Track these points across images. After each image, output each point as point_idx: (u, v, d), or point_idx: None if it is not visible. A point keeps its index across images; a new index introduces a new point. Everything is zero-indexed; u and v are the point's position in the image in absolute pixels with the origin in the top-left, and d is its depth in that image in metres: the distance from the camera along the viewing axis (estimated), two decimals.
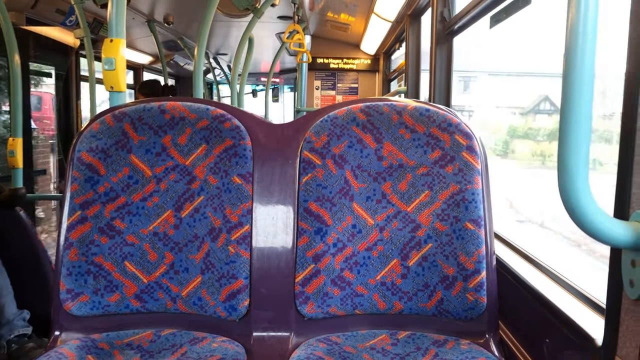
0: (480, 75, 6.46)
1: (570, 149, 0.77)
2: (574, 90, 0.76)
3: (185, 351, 1.26)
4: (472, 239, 1.30)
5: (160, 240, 1.36)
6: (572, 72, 0.75)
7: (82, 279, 1.32)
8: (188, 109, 1.38)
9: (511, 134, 5.58)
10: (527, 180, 5.54)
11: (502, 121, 6.38)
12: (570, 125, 0.77)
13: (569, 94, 0.76)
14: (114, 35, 1.59)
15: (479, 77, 6.35)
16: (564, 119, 0.78)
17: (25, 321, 2.38)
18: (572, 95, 0.76)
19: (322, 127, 1.37)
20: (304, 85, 5.05)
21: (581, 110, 0.76)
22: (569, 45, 0.75)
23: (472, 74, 6.27)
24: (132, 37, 5.42)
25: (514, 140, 5.51)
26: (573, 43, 0.75)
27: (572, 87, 0.76)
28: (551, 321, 1.14)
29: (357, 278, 1.33)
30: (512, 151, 5.37)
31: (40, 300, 2.46)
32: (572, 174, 0.78)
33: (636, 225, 0.80)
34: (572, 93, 0.76)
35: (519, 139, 5.38)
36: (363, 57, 6.63)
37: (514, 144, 5.51)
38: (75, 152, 1.35)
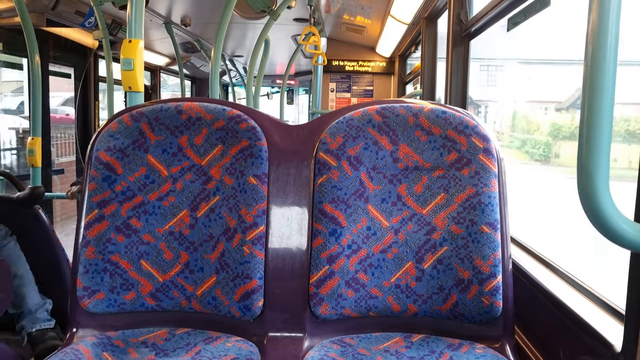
0: (508, 63, 5.60)
1: (591, 152, 0.76)
2: (595, 92, 0.75)
3: (199, 350, 1.26)
4: (488, 243, 1.28)
5: (175, 239, 1.37)
6: (594, 74, 0.75)
7: (98, 277, 1.33)
8: (204, 109, 1.39)
9: (554, 134, 4.44)
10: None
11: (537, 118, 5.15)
12: (590, 128, 0.76)
13: (590, 97, 0.76)
14: (133, 36, 1.60)
15: (507, 66, 5.51)
16: (584, 122, 0.77)
17: (48, 312, 2.40)
18: (593, 97, 0.75)
19: (337, 129, 1.37)
20: (319, 87, 5.06)
21: (602, 113, 0.75)
22: (591, 48, 0.74)
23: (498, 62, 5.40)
24: (149, 38, 5.48)
25: (558, 142, 4.38)
26: (595, 45, 0.74)
27: (593, 89, 0.75)
28: (568, 326, 1.13)
29: (371, 280, 1.33)
30: (555, 155, 4.34)
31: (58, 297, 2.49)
32: (592, 178, 0.77)
33: None
34: (593, 96, 0.75)
35: (565, 140, 4.21)
36: (378, 60, 6.62)
37: (558, 147, 4.39)
38: (94, 152, 1.37)
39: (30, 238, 2.58)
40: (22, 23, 2.74)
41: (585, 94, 0.77)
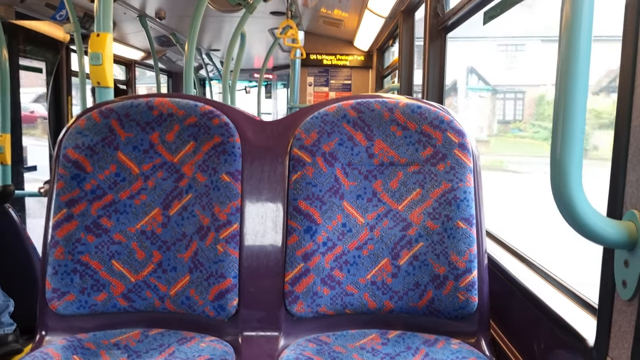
0: (529, 42, 4.82)
1: (564, 148, 0.76)
2: (568, 88, 0.74)
3: (173, 351, 1.24)
4: (463, 238, 1.28)
5: (147, 238, 1.34)
6: (567, 69, 0.74)
7: (68, 278, 1.29)
8: (176, 105, 1.36)
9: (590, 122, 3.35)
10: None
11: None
12: (563, 124, 0.75)
13: (562, 92, 0.75)
14: (101, 29, 1.56)
15: (528, 45, 4.89)
16: (557, 117, 0.76)
17: (10, 315, 2.35)
18: (566, 93, 0.75)
19: (312, 125, 1.35)
20: (297, 81, 5.03)
21: (575, 109, 0.75)
22: (564, 42, 0.74)
23: (517, 40, 4.84)
24: (123, 32, 5.37)
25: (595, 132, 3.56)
26: (568, 39, 0.73)
27: (566, 84, 0.75)
28: (543, 321, 1.13)
29: (347, 277, 1.32)
30: (594, 148, 3.51)
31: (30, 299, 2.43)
32: (565, 173, 0.76)
33: (629, 225, 0.79)
34: (566, 91, 0.75)
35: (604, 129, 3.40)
36: (356, 54, 6.61)
37: (596, 137, 3.58)
38: (62, 149, 1.32)
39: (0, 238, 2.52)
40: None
41: (558, 90, 0.76)
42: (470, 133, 1.35)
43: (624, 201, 0.83)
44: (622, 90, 0.82)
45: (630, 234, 0.78)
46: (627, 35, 0.81)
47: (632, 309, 0.80)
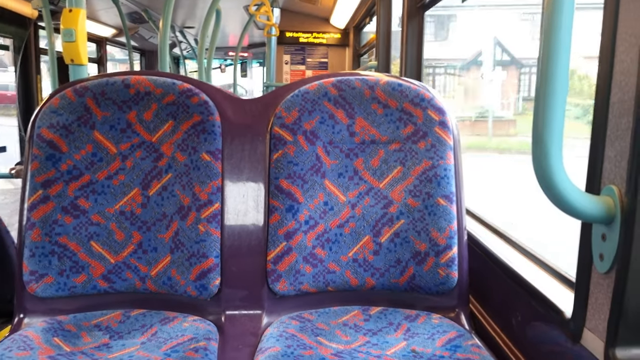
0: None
1: (545, 124, 0.77)
2: (550, 64, 0.75)
3: (155, 331, 1.23)
4: (443, 215, 1.30)
5: (127, 219, 1.32)
6: (549, 46, 0.75)
7: (46, 260, 1.27)
8: (153, 83, 1.33)
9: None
10: None
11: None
12: (544, 100, 0.76)
13: (544, 69, 0.76)
14: (73, 4, 1.51)
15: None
16: (539, 94, 0.77)
17: None
18: (547, 69, 0.75)
19: (292, 103, 1.34)
20: (273, 59, 4.98)
21: (556, 85, 0.76)
22: (546, 19, 0.74)
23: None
24: (93, 8, 5.22)
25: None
26: (550, 16, 0.74)
27: (547, 61, 0.75)
28: (521, 295, 1.16)
29: (329, 255, 1.33)
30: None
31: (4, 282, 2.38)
32: (546, 149, 0.78)
33: (607, 200, 0.81)
34: (547, 67, 0.75)
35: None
36: (333, 32, 6.56)
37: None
38: (35, 129, 1.29)
39: None
40: None
41: (540, 67, 0.77)
42: (451, 111, 1.36)
43: (602, 177, 0.85)
44: (601, 66, 0.84)
45: (608, 209, 0.80)
46: (608, 9, 0.82)
47: (608, 281, 0.83)
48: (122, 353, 1.15)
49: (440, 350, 1.15)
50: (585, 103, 3.06)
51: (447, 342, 1.17)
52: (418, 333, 1.23)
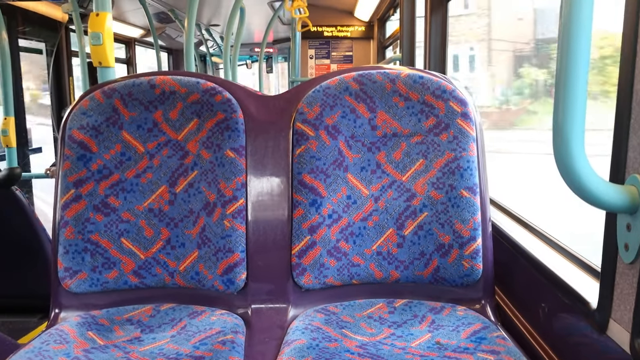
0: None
1: (566, 113, 0.76)
2: (570, 52, 0.74)
3: (184, 325, 1.27)
4: (467, 207, 1.29)
5: (155, 216, 1.36)
6: (569, 33, 0.74)
7: (79, 257, 1.32)
8: (178, 82, 1.36)
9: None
10: None
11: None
12: (566, 88, 0.76)
13: (564, 57, 0.75)
14: (100, 8, 1.55)
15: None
16: (560, 82, 0.76)
17: None
18: (568, 57, 0.75)
19: (314, 98, 1.35)
20: (297, 54, 4.99)
21: (578, 73, 0.75)
22: (565, 5, 0.73)
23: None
24: (122, 9, 5.32)
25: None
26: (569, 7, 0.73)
27: (568, 49, 0.74)
28: (547, 286, 1.15)
29: (353, 248, 1.34)
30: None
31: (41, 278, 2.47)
32: (568, 138, 0.77)
33: (631, 190, 0.80)
34: (568, 55, 0.75)
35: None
36: (357, 25, 6.52)
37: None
38: (67, 130, 1.34)
39: (8, 220, 2.55)
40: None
41: (560, 54, 0.76)
42: (473, 102, 1.35)
43: (626, 166, 0.83)
44: (624, 54, 0.82)
45: (632, 198, 0.79)
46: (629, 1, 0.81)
47: (634, 271, 0.82)
48: (153, 346, 1.19)
49: (465, 342, 1.15)
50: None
51: (472, 334, 1.17)
52: (443, 325, 1.23)
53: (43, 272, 2.56)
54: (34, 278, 2.52)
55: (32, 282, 2.55)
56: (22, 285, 2.62)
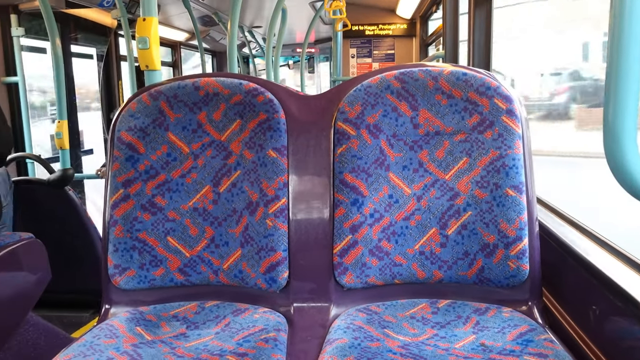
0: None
1: (617, 109, 0.74)
2: (622, 48, 0.72)
3: (228, 322, 1.29)
4: (513, 206, 1.26)
5: (200, 215, 1.39)
6: (620, 29, 0.71)
7: (128, 255, 1.36)
8: (221, 84, 1.39)
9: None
10: None
11: None
12: (617, 85, 0.73)
13: (615, 53, 0.73)
14: (147, 13, 1.60)
15: None
16: (610, 79, 0.74)
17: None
18: (619, 53, 0.72)
19: (355, 97, 1.35)
20: (339, 54, 4.99)
21: (629, 70, 0.72)
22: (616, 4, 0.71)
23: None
24: (167, 14, 5.46)
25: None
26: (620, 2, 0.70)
27: (619, 45, 0.72)
28: (598, 287, 1.11)
29: (395, 248, 1.33)
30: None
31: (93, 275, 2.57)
32: (619, 135, 0.74)
33: None
34: (619, 51, 0.72)
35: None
36: (399, 22, 6.47)
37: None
38: (116, 132, 1.38)
39: (62, 219, 2.66)
40: (40, 6, 2.76)
41: (611, 50, 0.74)
42: (518, 99, 1.32)
43: None
44: None
45: None
46: None
47: None
48: (198, 342, 1.22)
49: (511, 345, 1.12)
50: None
51: (519, 337, 1.15)
52: (488, 327, 1.21)
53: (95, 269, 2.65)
54: (86, 275, 2.62)
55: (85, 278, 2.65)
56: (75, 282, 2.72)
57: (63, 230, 2.66)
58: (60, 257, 2.40)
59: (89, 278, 2.55)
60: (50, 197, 2.66)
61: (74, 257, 2.69)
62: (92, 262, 2.69)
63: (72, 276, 2.70)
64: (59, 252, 2.40)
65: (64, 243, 2.61)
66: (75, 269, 2.67)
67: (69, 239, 2.67)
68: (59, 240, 2.56)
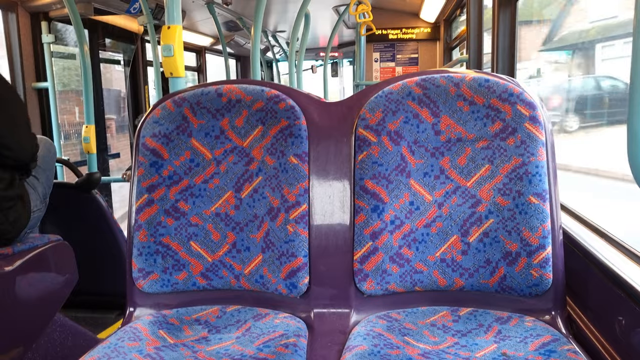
0: None
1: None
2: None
3: (249, 327, 1.30)
4: (536, 214, 1.25)
5: (222, 220, 1.40)
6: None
7: (151, 259, 1.39)
8: (244, 91, 1.40)
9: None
10: None
11: None
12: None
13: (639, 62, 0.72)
14: (172, 21, 1.63)
15: None
16: (635, 85, 0.73)
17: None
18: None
19: (376, 104, 1.35)
20: (362, 58, 4.99)
21: None
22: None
23: None
24: (193, 20, 5.54)
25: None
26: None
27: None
28: (623, 298, 1.09)
29: (415, 255, 1.32)
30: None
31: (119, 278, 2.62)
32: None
33: None
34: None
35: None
36: (423, 26, 6.44)
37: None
38: (140, 138, 1.41)
39: (89, 222, 2.71)
40: (69, 13, 2.83)
41: (634, 54, 0.73)
42: (542, 105, 1.30)
43: None
44: None
45: None
46: None
47: None
48: (219, 346, 1.23)
49: (534, 355, 1.11)
50: None
51: (541, 347, 1.13)
52: (510, 336, 1.19)
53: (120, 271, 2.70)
54: (112, 277, 2.67)
55: (111, 280, 2.71)
56: (101, 284, 2.78)
57: (90, 233, 2.72)
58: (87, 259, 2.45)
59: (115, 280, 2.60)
60: (78, 201, 2.72)
61: (100, 259, 2.74)
62: (118, 265, 2.74)
63: (99, 278, 2.75)
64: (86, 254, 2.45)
65: (91, 245, 2.66)
66: (102, 271, 2.72)
67: (96, 242, 2.73)
68: (85, 242, 2.62)
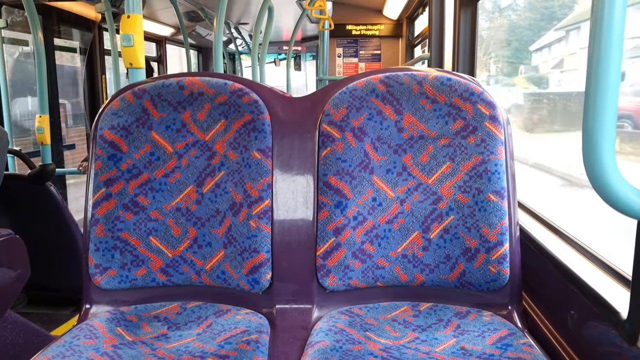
0: None
1: (596, 120, 0.75)
2: (601, 60, 0.73)
3: (210, 323, 1.29)
4: (494, 211, 1.28)
5: (183, 215, 1.38)
6: (599, 40, 0.72)
7: (109, 254, 1.35)
8: (206, 84, 1.38)
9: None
10: None
11: None
12: (596, 95, 0.74)
13: (594, 64, 0.74)
14: (131, 10, 1.58)
15: None
16: (590, 89, 0.75)
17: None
18: (598, 65, 0.73)
19: (340, 100, 1.35)
20: (325, 53, 4.98)
21: (608, 81, 0.74)
22: (596, 13, 0.72)
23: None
24: (152, 8, 5.41)
25: None
26: (600, 11, 0.71)
27: (598, 56, 0.73)
28: (576, 293, 1.13)
29: (378, 251, 1.34)
30: None
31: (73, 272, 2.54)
32: (598, 146, 0.76)
33: None
34: (598, 63, 0.73)
35: None
36: (385, 23, 6.48)
37: None
38: (98, 130, 1.37)
39: (43, 215, 2.62)
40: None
41: (590, 61, 0.75)
42: (501, 105, 1.33)
43: None
44: None
45: None
46: None
47: None
48: (179, 343, 1.21)
49: (491, 349, 1.14)
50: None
51: (498, 341, 1.16)
52: (468, 330, 1.22)
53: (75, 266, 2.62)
54: (66, 272, 2.59)
55: (65, 275, 2.62)
56: (55, 279, 2.69)
57: (43, 226, 2.63)
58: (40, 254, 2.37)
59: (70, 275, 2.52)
60: (31, 193, 2.62)
61: (54, 254, 2.66)
62: (73, 259, 2.66)
63: (53, 273, 2.67)
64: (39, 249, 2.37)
65: (45, 240, 2.58)
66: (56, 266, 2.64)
67: (50, 236, 2.64)
68: (39, 236, 2.53)
